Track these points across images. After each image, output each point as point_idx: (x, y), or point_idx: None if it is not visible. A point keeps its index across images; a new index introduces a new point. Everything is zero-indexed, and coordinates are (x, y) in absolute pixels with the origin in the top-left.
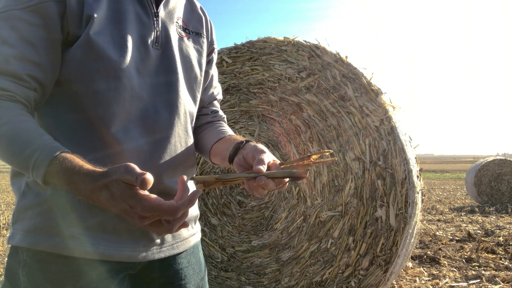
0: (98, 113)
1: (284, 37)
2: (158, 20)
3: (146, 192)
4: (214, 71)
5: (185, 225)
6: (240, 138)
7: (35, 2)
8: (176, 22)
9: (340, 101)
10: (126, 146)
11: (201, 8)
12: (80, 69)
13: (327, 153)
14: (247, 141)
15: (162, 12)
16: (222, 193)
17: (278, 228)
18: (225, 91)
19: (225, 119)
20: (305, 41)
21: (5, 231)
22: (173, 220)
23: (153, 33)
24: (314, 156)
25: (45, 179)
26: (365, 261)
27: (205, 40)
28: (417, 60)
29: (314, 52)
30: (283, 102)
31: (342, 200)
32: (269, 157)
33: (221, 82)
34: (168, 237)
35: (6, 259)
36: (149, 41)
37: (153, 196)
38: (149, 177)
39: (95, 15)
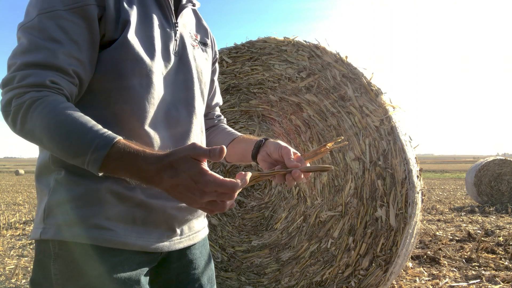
0: (131, 109)
1: (284, 37)
2: (177, 30)
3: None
4: (216, 80)
5: (233, 204)
6: (255, 137)
7: (79, 5)
8: (189, 32)
9: (340, 101)
10: (155, 140)
11: (204, 22)
12: (116, 69)
13: (339, 140)
14: (265, 139)
15: (179, 23)
16: None
17: (278, 228)
18: (225, 91)
19: (225, 121)
20: (305, 41)
21: (5, 231)
22: (227, 198)
23: (173, 41)
24: (329, 144)
25: (104, 163)
26: (365, 261)
27: (210, 51)
28: (417, 60)
29: (314, 52)
30: (283, 102)
31: (342, 200)
32: (292, 151)
33: (221, 82)
34: (185, 229)
35: (35, 254)
36: (170, 48)
37: (215, 173)
38: (224, 148)
39: (131, 20)
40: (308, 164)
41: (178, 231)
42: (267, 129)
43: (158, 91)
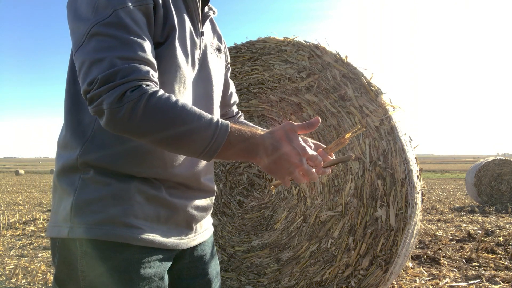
0: None
1: (284, 37)
2: (202, 40)
3: None
4: (230, 79)
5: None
6: None
7: (143, 2)
8: (209, 40)
9: (340, 101)
10: None
11: (218, 27)
12: (160, 72)
13: (357, 129)
14: None
15: (204, 32)
16: (222, 193)
17: (278, 228)
18: None
19: (243, 117)
20: (305, 41)
21: (5, 231)
22: (310, 173)
23: (198, 49)
24: (347, 135)
25: (226, 141)
26: (365, 261)
27: (223, 56)
28: (417, 60)
29: (314, 52)
30: (283, 102)
31: (342, 200)
32: (313, 145)
33: None
34: (198, 226)
35: (58, 252)
36: (196, 56)
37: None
38: (319, 118)
39: (176, 27)
40: (332, 157)
41: (194, 229)
42: (267, 129)
43: (188, 96)
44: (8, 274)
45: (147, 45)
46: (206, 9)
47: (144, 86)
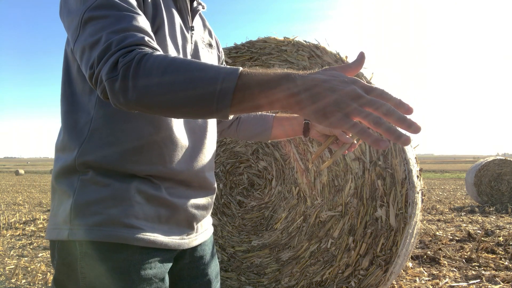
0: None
1: (284, 37)
2: (193, 34)
3: None
4: None
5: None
6: (288, 116)
7: None
8: (199, 35)
9: None
10: (177, 132)
11: (207, 23)
12: None
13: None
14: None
15: (194, 27)
16: (222, 193)
17: (278, 228)
18: None
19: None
20: (305, 41)
21: (5, 231)
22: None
23: (189, 44)
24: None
25: (238, 85)
26: (365, 261)
27: (216, 51)
28: (417, 60)
29: (314, 52)
30: None
31: (342, 200)
32: None
33: None
34: (199, 226)
35: (57, 254)
36: (187, 51)
37: None
38: (364, 53)
39: (165, 21)
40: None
41: (195, 228)
42: None
43: None
44: (8, 274)
45: (141, 19)
46: (195, 3)
47: (138, 49)
